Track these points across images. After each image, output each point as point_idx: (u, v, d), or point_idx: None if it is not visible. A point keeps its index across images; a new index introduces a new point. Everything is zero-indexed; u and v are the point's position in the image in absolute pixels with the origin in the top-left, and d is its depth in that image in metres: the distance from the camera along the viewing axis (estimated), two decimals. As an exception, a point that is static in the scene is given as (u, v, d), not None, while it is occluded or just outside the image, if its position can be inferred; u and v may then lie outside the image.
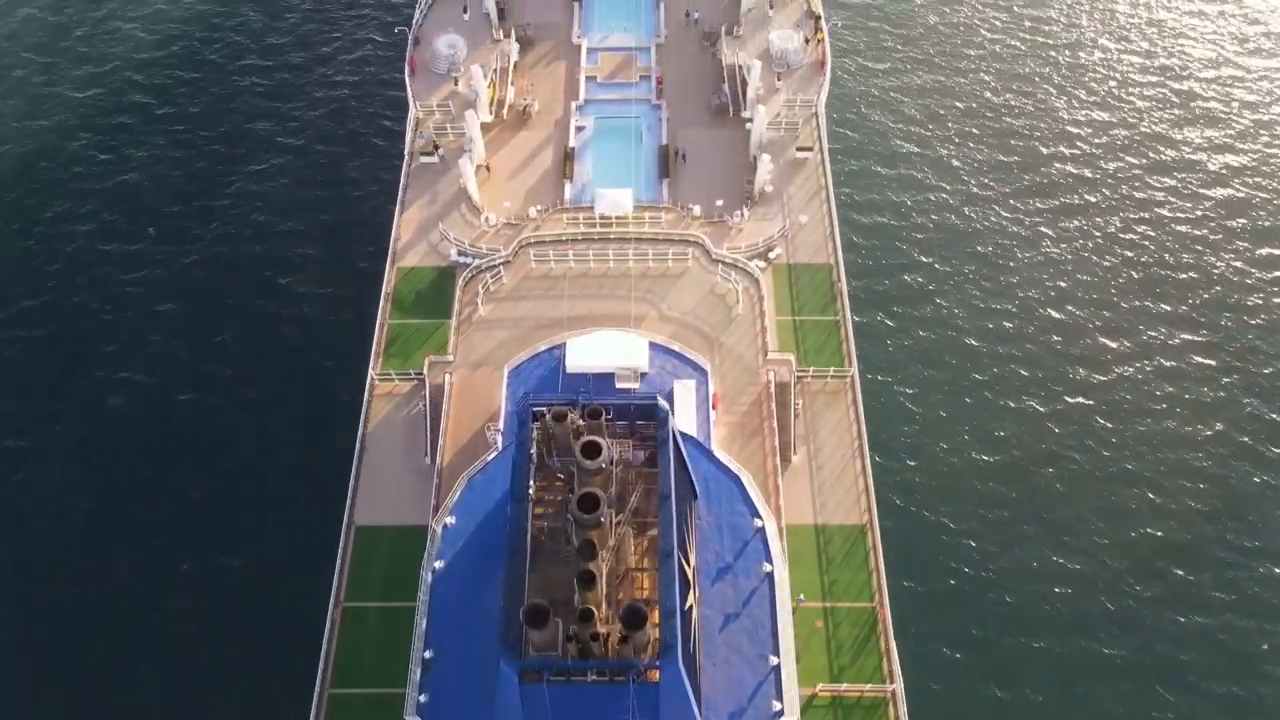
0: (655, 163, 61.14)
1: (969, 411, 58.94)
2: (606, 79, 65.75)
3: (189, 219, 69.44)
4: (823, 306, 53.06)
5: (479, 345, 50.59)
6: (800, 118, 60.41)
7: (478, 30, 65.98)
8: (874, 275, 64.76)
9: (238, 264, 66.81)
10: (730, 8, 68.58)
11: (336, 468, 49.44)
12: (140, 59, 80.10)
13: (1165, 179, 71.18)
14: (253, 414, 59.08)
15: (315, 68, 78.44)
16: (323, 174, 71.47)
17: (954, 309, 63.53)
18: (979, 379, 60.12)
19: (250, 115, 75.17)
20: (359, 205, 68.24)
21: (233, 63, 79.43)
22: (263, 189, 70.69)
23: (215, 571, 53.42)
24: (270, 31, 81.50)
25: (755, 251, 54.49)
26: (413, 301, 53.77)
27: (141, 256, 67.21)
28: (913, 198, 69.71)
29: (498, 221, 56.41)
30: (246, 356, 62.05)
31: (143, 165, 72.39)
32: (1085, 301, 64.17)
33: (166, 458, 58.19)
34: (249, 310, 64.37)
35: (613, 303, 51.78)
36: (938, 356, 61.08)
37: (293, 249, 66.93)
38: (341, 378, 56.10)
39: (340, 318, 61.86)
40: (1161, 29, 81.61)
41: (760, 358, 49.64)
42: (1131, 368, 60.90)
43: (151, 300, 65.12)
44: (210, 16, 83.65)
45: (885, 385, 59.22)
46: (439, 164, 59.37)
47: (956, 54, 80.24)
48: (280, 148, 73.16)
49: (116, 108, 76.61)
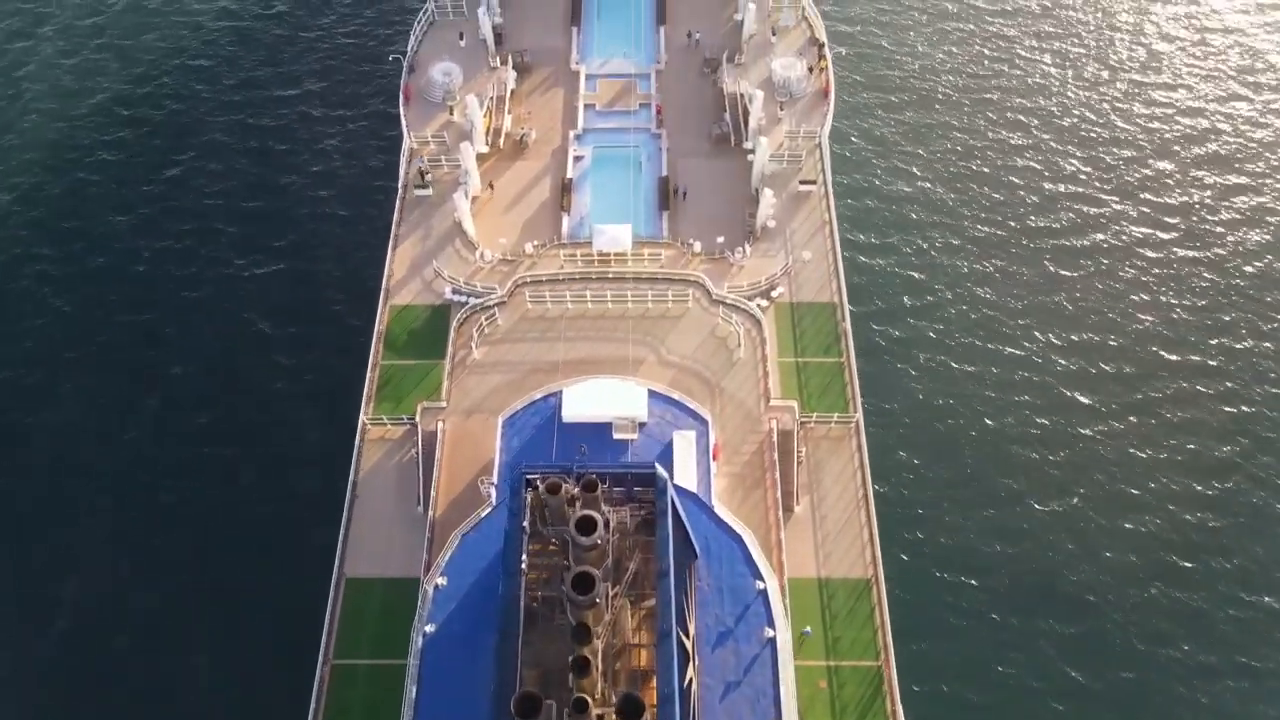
0: (655, 194, 59.81)
1: (975, 458, 57.44)
2: (605, 107, 64.38)
3: (171, 256, 67.71)
4: (826, 347, 51.71)
5: (473, 390, 49.25)
6: (803, 149, 59.03)
7: (474, 57, 64.58)
8: (876, 312, 63.27)
9: (224, 298, 65.24)
10: (731, 34, 67.24)
11: (325, 514, 48.10)
12: (121, 88, 78.01)
13: (1173, 219, 69.08)
14: (238, 456, 57.60)
15: (307, 95, 76.62)
16: (314, 205, 69.74)
17: (959, 349, 61.93)
18: (986, 424, 58.62)
19: (240, 145, 73.42)
20: (351, 237, 66.61)
21: (219, 91, 77.48)
22: (253, 218, 69.07)
23: (198, 626, 51.84)
24: (259, 58, 79.61)
25: (757, 290, 53.12)
26: (406, 341, 52.41)
27: (123, 292, 65.76)
28: (915, 232, 67.93)
29: (493, 258, 55.06)
30: (232, 396, 60.53)
31: (124, 199, 70.67)
32: (1093, 346, 62.50)
33: (144, 502, 56.56)
34: (235, 347, 62.81)
35: (611, 345, 50.43)
36: (942, 399, 59.56)
37: (282, 284, 65.31)
38: (331, 419, 54.64)
39: (331, 356, 60.34)
40: (1166, 66, 79.46)
41: (762, 404, 48.28)
42: (1140, 415, 59.36)
43: (128, 340, 63.59)
44: (196, 40, 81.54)
45: (889, 426, 57.79)
46: (433, 197, 58.01)
47: (960, 85, 77.99)
48: (271, 176, 71.51)
49: (97, 141, 74.56)
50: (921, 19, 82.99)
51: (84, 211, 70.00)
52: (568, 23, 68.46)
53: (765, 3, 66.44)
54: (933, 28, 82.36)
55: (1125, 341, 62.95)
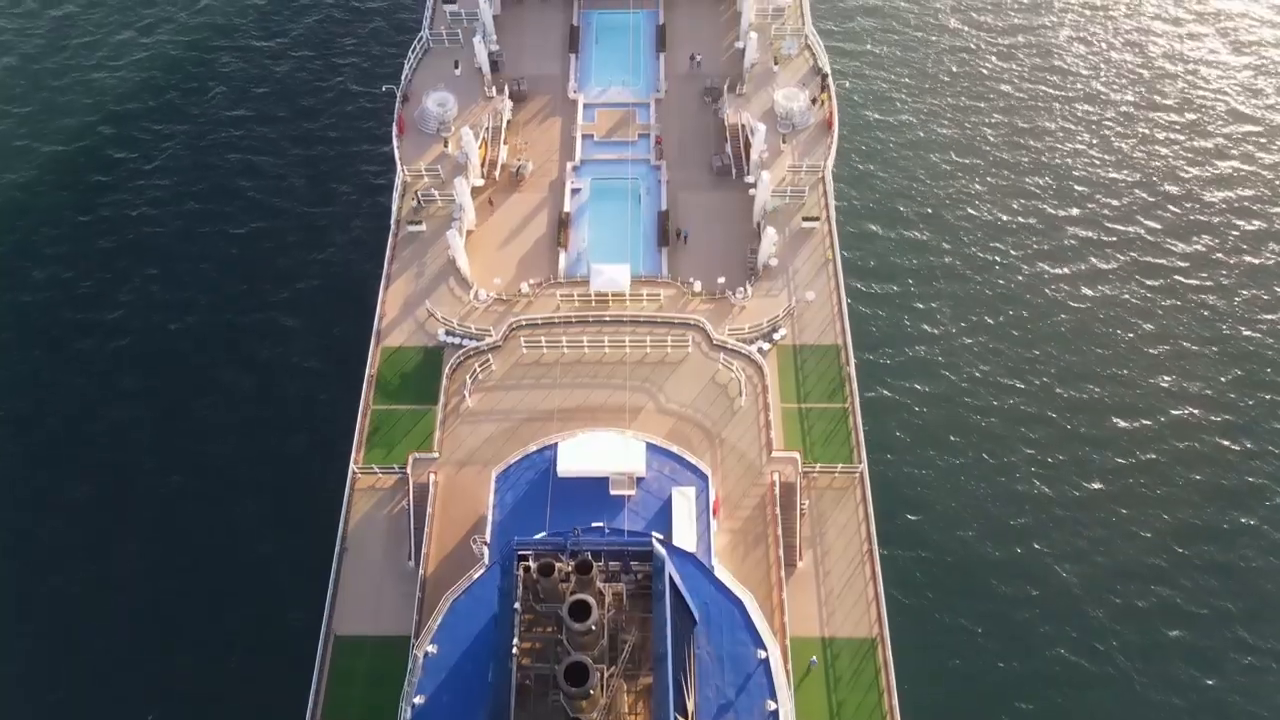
0: (654, 230, 58.37)
1: (983, 500, 56.04)
2: (604, 137, 62.91)
3: (159, 282, 66.34)
4: (830, 393, 50.24)
5: (466, 440, 47.80)
6: (806, 184, 57.57)
7: (469, 86, 63.09)
8: (882, 355, 61.58)
9: (210, 335, 63.71)
10: (733, 61, 65.78)
11: (314, 567, 46.63)
12: (113, 111, 76.44)
13: (1184, 244, 67.80)
14: (223, 504, 56.08)
15: (299, 126, 74.84)
16: (305, 240, 68.03)
17: (968, 394, 60.32)
18: (992, 463, 57.20)
19: (229, 176, 71.69)
20: (342, 274, 64.98)
21: (211, 118, 75.88)
22: (241, 254, 67.49)
23: (181, 685, 50.23)
24: (251, 87, 77.82)
25: (759, 332, 51.69)
26: (398, 385, 50.98)
27: (108, 323, 64.34)
28: (923, 272, 66.23)
29: (488, 298, 53.63)
30: (218, 437, 59.00)
31: (114, 223, 69.27)
32: (1103, 377, 61.14)
33: (121, 558, 55.00)
34: (221, 387, 61.27)
35: (608, 392, 49.00)
36: (948, 437, 58.14)
37: (271, 320, 63.79)
38: (320, 466, 53.10)
39: (321, 399, 58.82)
40: (1180, 83, 77.93)
41: (764, 456, 46.83)
42: (1153, 451, 57.94)
43: (115, 372, 62.10)
44: (188, 65, 79.76)
45: (893, 468, 56.26)
46: (426, 233, 56.57)
47: (969, 116, 75.95)
48: (260, 210, 69.79)
49: (89, 163, 73.10)
50: (927, 49, 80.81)
51: (65, 245, 68.54)
52: (565, 50, 67.01)
53: (767, 31, 64.99)
54: (939, 57, 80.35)
55: (1140, 368, 61.52)
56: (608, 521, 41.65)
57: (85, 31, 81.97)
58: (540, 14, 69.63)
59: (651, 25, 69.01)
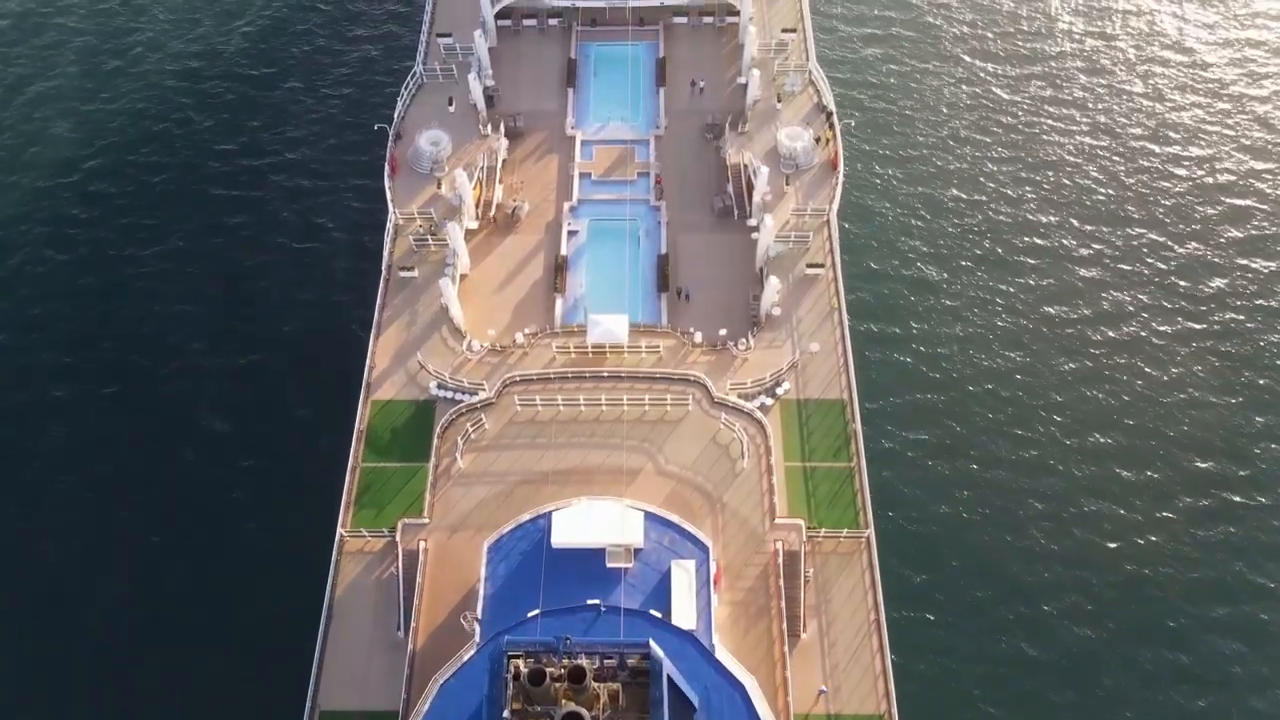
0: (653, 274, 56.67)
1: (993, 557, 54.27)
2: (602, 176, 61.25)
3: (140, 322, 64.38)
4: (835, 451, 48.48)
5: (457, 504, 46.04)
6: (811, 228, 55.83)
7: (464, 124, 61.29)
8: (890, 411, 59.63)
9: (192, 379, 61.86)
10: (734, 97, 64.03)
11: (298, 635, 44.86)
12: (96, 142, 74.30)
13: (1197, 286, 65.67)
14: (204, 561, 54.18)
15: (288, 159, 72.81)
16: (292, 280, 66.13)
17: (979, 451, 58.36)
18: (1001, 517, 55.39)
19: (214, 213, 69.75)
20: (332, 318, 62.88)
21: (198, 150, 73.75)
22: (226, 294, 65.50)
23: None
24: (239, 118, 75.77)
25: (762, 386, 49.93)
26: (388, 441, 49.24)
27: (87, 366, 62.54)
28: (933, 320, 64.13)
29: (481, 349, 51.89)
30: (198, 490, 57.20)
31: (95, 261, 67.43)
32: (1114, 425, 59.25)
33: (97, 604, 53.31)
34: (203, 435, 59.45)
35: (605, 453, 47.23)
36: (956, 490, 56.36)
37: (257, 365, 61.93)
38: (307, 523, 50.88)
39: (308, 450, 56.74)
40: (1191, 116, 75.54)
41: (767, 522, 45.06)
42: (1168, 508, 56.09)
43: (93, 416, 60.39)
44: (175, 96, 77.60)
45: (899, 524, 54.43)
46: (418, 279, 54.84)
47: (980, 155, 73.49)
48: (246, 249, 67.83)
49: (72, 197, 71.05)
50: (935, 83, 78.39)
51: (44, 284, 66.70)
52: (563, 84, 65.30)
53: (770, 66, 63.25)
54: (948, 92, 77.84)
55: (1154, 441, 58.71)
56: (603, 598, 39.87)
57: (70, 61, 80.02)
58: (537, 46, 67.96)
59: (651, 58, 67.34)
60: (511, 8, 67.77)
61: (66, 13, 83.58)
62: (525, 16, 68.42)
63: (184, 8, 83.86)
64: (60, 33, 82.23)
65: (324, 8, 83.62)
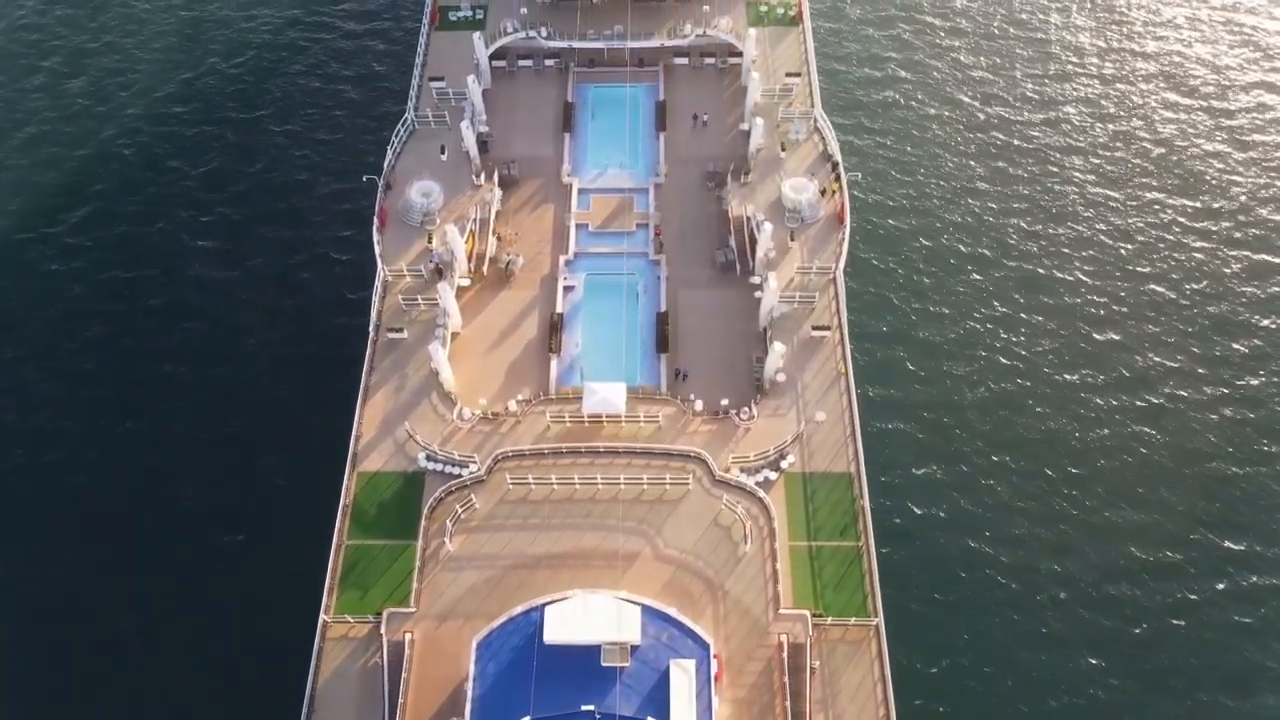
0: (652, 333, 54.47)
1: (1005, 646, 51.64)
2: (599, 228, 59.07)
3: (106, 385, 61.92)
4: (842, 529, 46.26)
5: (446, 590, 43.83)
6: (816, 287, 53.65)
7: (456, 173, 59.11)
8: (900, 484, 57.21)
9: (170, 443, 59.49)
10: (736, 142, 61.87)
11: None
12: (72, 190, 71.59)
13: (1219, 354, 62.80)
14: (175, 650, 51.84)
15: (272, 208, 70.42)
16: (276, 342, 63.76)
17: (982, 510, 56.13)
18: (1015, 602, 52.92)
19: (192, 263, 67.51)
20: (317, 377, 60.54)
21: (175, 198, 71.26)
22: (203, 349, 63.23)
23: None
24: (220, 163, 73.37)
25: (765, 459, 47.72)
26: (374, 516, 47.04)
27: (59, 435, 60.27)
28: (945, 386, 61.48)
29: (472, 417, 49.70)
30: (175, 565, 54.78)
31: (70, 317, 65.06)
32: (1127, 502, 56.48)
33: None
34: (179, 505, 57.06)
35: (601, 535, 45.01)
36: (965, 571, 53.85)
37: (237, 437, 59.50)
38: (288, 606, 48.28)
39: (290, 523, 54.28)
40: (1213, 171, 72.37)
41: (770, 612, 42.82)
42: (1189, 590, 53.70)
43: (61, 491, 58.00)
44: (153, 142, 74.91)
45: (908, 607, 51.93)
46: (408, 340, 52.67)
47: (994, 204, 70.86)
48: (225, 302, 65.60)
49: (47, 249, 68.44)
50: (944, 131, 75.61)
51: (21, 348, 64.12)
52: (559, 129, 63.14)
53: (773, 113, 61.09)
54: (957, 140, 75.04)
55: (1172, 526, 55.86)
56: (598, 700, 37.82)
57: (47, 104, 77.57)
58: (534, 87, 65.84)
59: (650, 101, 65.19)
60: (507, 48, 65.69)
61: (49, 53, 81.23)
62: (521, 57, 66.35)
63: (165, 49, 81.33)
64: (43, 76, 79.60)
65: (312, 50, 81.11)
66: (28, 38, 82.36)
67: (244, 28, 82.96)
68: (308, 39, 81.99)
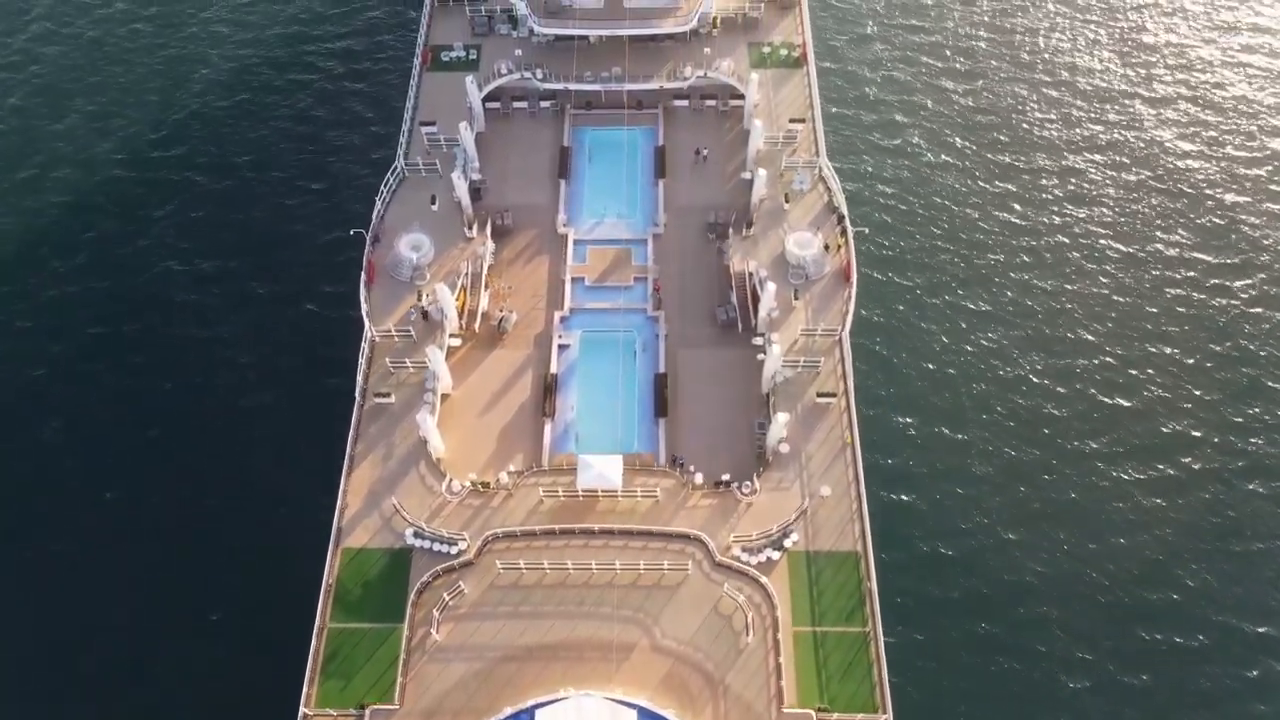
0: (650, 396, 52.35)
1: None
2: (596, 281, 56.93)
3: (74, 456, 59.43)
4: (849, 613, 44.10)
5: (432, 685, 41.65)
6: (821, 350, 51.52)
7: (447, 224, 56.94)
8: (910, 563, 54.83)
9: (147, 517, 57.05)
10: (737, 191, 59.71)
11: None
12: (35, 250, 68.63)
13: (1264, 413, 60.73)
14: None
15: (254, 261, 68.03)
16: (259, 405, 61.35)
17: (1003, 594, 53.83)
18: (1040, 698, 50.22)
19: (182, 330, 64.97)
20: (297, 451, 57.89)
21: (153, 246, 68.73)
22: (183, 424, 60.62)
23: None
24: (197, 223, 70.42)
25: (768, 538, 45.60)
26: (359, 597, 44.85)
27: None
28: (958, 455, 58.88)
29: (462, 489, 47.57)
30: (141, 647, 52.53)
31: (34, 385, 62.42)
32: (1171, 583, 53.85)
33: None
34: (153, 581, 54.79)
35: (595, 624, 42.85)
36: (984, 663, 51.36)
37: (219, 510, 57.08)
38: (266, 696, 46.10)
39: (267, 607, 51.94)
40: (1231, 234, 69.55)
41: (773, 709, 40.69)
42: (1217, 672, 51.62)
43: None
44: (128, 187, 72.10)
45: (919, 703, 49.26)
46: (395, 405, 50.53)
47: (1007, 259, 68.16)
48: (200, 364, 63.05)
49: (23, 307, 66.28)
50: (952, 180, 72.66)
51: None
52: (554, 175, 60.97)
53: (776, 161, 58.96)
54: (967, 190, 72.03)
55: (1203, 604, 53.44)
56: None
57: (27, 152, 74.77)
58: (530, 130, 63.70)
59: (649, 144, 63.07)
60: (501, 89, 63.52)
61: (9, 90, 78.93)
62: (516, 99, 64.15)
63: (145, 90, 78.51)
64: (24, 130, 76.75)
65: (298, 94, 78.19)
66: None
67: (225, 69, 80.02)
68: (293, 81, 79.15)
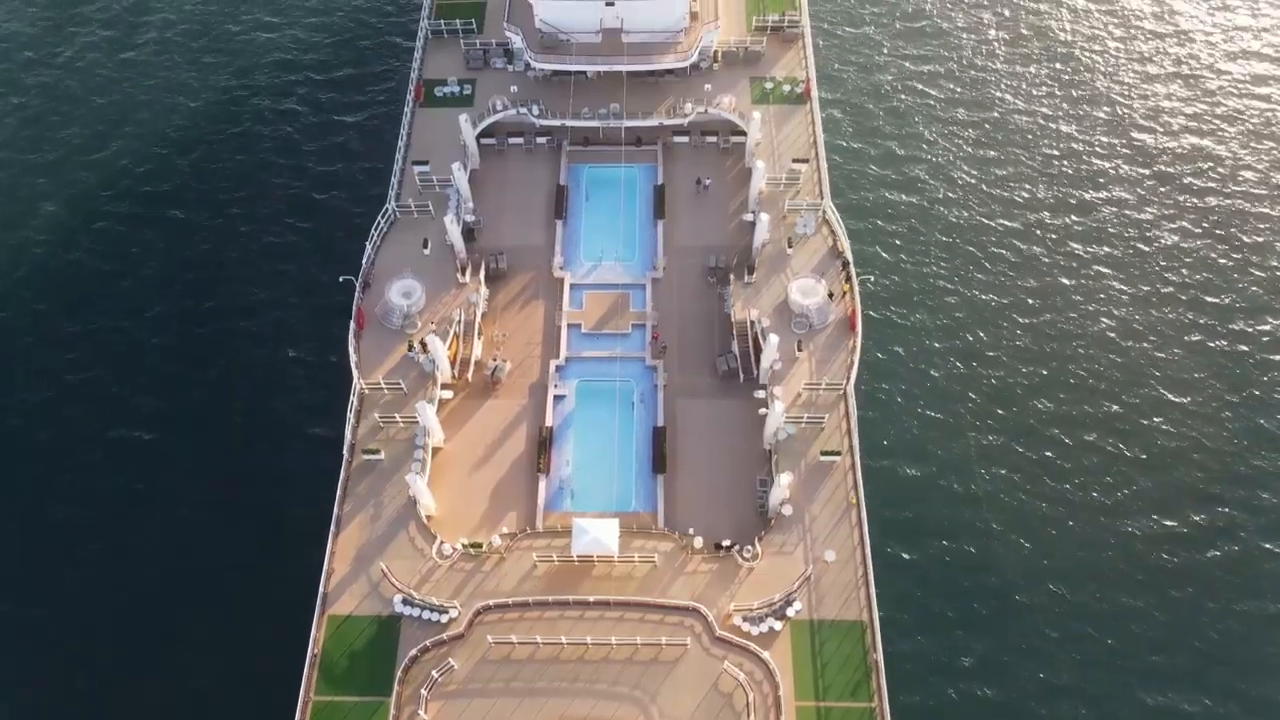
0: (648, 451, 50.63)
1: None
2: (593, 328, 55.19)
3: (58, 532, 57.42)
4: (854, 687, 42.40)
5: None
6: (825, 406, 49.78)
7: (440, 268, 55.27)
8: (917, 628, 53.04)
9: (122, 582, 55.39)
10: (739, 232, 57.97)
11: None
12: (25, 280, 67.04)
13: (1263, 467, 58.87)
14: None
15: (240, 302, 66.35)
16: (244, 462, 59.32)
17: (1016, 661, 51.98)
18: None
19: (166, 370, 63.23)
20: (282, 509, 56.04)
21: (135, 297, 66.67)
22: (164, 484, 58.70)
23: None
24: (179, 269, 68.23)
25: (770, 607, 43.87)
26: (345, 668, 43.19)
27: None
28: (966, 511, 56.97)
29: (453, 552, 45.90)
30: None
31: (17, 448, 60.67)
32: (1188, 650, 52.14)
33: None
34: (134, 652, 53.24)
35: (591, 701, 41.15)
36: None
37: (201, 571, 55.41)
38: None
39: (249, 677, 50.27)
40: (1236, 275, 67.30)
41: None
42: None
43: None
44: (110, 234, 69.59)
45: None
46: (385, 462, 48.85)
47: (1017, 302, 66.16)
48: (174, 423, 61.17)
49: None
50: (958, 218, 70.54)
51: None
52: (551, 216, 59.22)
53: (779, 203, 57.20)
54: (974, 229, 69.94)
55: (1232, 679, 51.41)
56: None
57: (12, 187, 72.66)
58: (526, 167, 61.89)
59: (648, 182, 61.29)
60: (497, 125, 61.76)
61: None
62: (511, 135, 62.39)
63: (123, 119, 76.38)
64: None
65: (283, 125, 76.09)
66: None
67: (211, 101, 77.80)
68: (282, 113, 76.92)
